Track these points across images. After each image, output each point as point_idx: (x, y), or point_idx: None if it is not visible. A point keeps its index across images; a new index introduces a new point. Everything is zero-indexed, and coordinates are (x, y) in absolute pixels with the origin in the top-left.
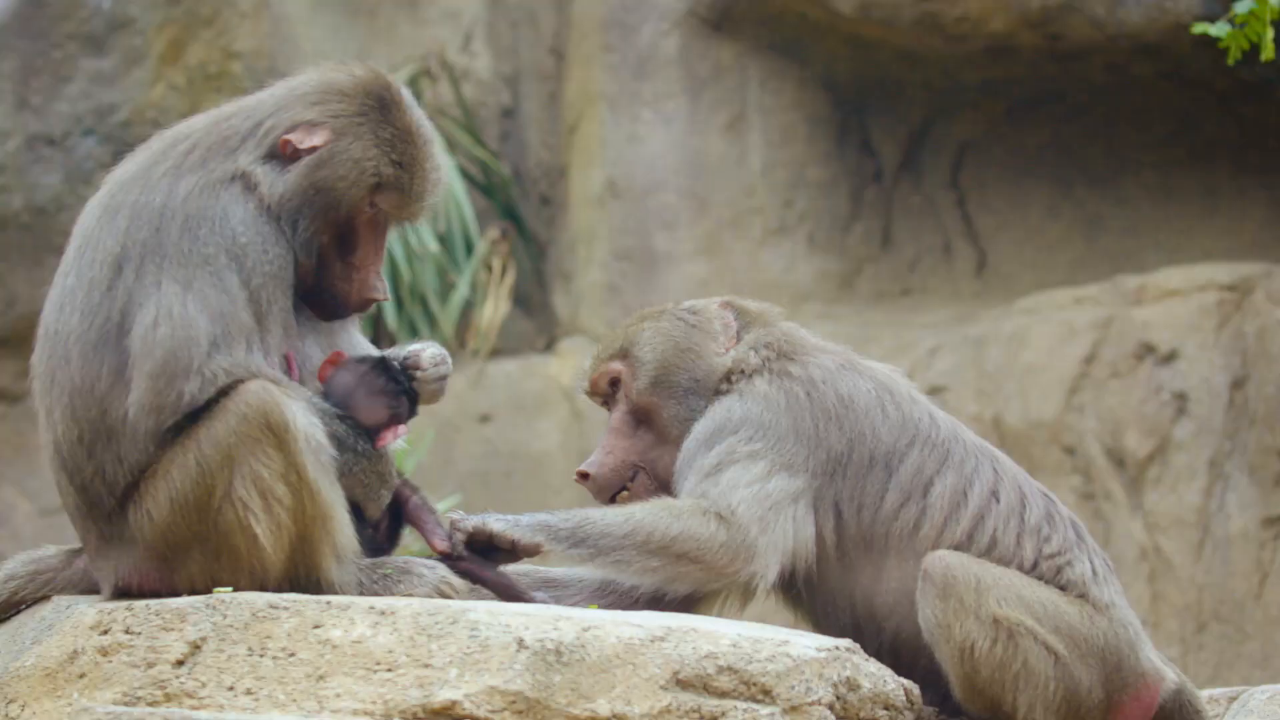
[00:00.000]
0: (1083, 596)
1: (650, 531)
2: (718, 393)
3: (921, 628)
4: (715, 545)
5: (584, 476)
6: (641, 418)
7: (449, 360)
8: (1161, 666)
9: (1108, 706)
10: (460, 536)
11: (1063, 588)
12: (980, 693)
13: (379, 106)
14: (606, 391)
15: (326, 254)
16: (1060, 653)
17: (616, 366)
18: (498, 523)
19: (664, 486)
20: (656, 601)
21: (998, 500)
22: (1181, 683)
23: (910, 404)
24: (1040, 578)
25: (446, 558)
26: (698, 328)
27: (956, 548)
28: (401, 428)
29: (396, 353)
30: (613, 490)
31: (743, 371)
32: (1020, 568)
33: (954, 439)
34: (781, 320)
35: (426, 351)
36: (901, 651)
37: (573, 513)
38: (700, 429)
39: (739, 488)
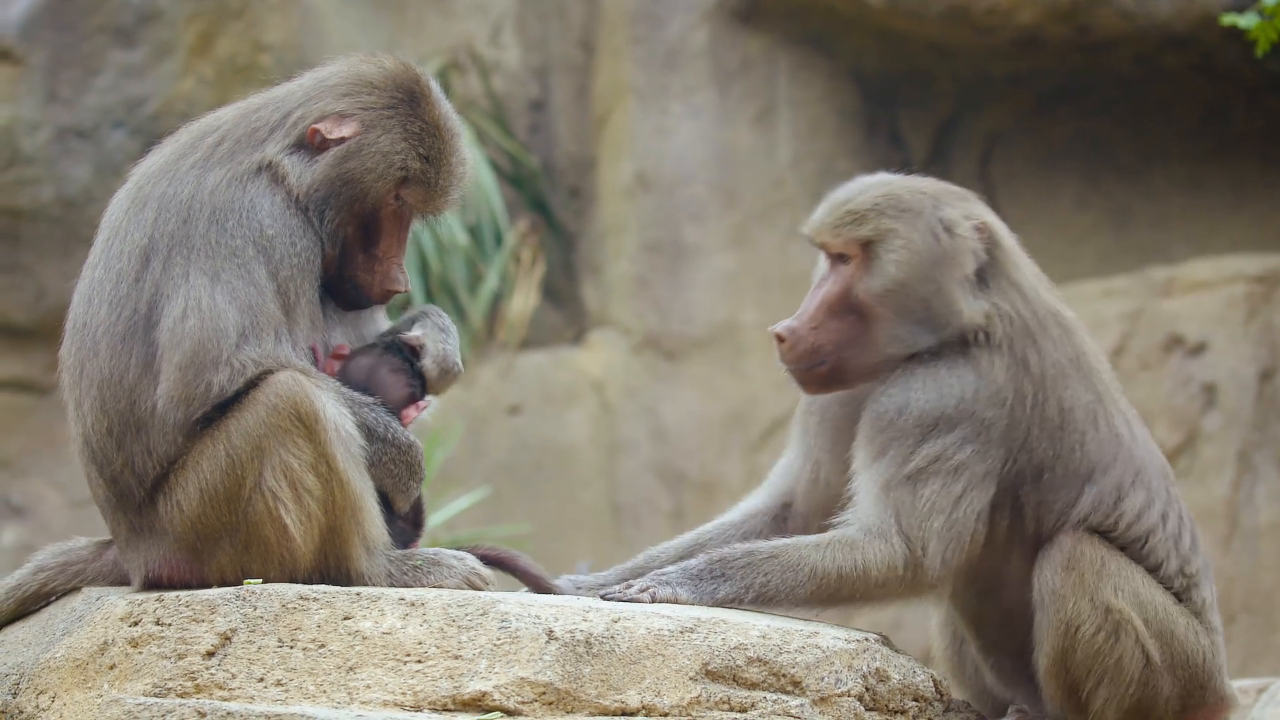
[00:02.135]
0: (1197, 615)
1: (839, 583)
2: (951, 343)
3: (1034, 588)
4: (903, 583)
5: (779, 339)
6: (857, 309)
7: (449, 353)
8: (1236, 695)
9: (1180, 717)
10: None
11: (1187, 600)
12: (1068, 671)
13: (408, 99)
14: (834, 256)
15: (350, 245)
16: (1154, 659)
17: (854, 250)
18: (688, 593)
19: (839, 378)
20: None
21: (1165, 523)
22: None
23: (1116, 412)
24: (1169, 588)
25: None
26: (947, 254)
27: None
28: (422, 403)
29: (402, 329)
30: (799, 367)
31: (986, 338)
32: (1161, 574)
33: (1147, 453)
34: (1028, 273)
35: (428, 353)
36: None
37: (748, 574)
38: (923, 400)
39: (934, 515)
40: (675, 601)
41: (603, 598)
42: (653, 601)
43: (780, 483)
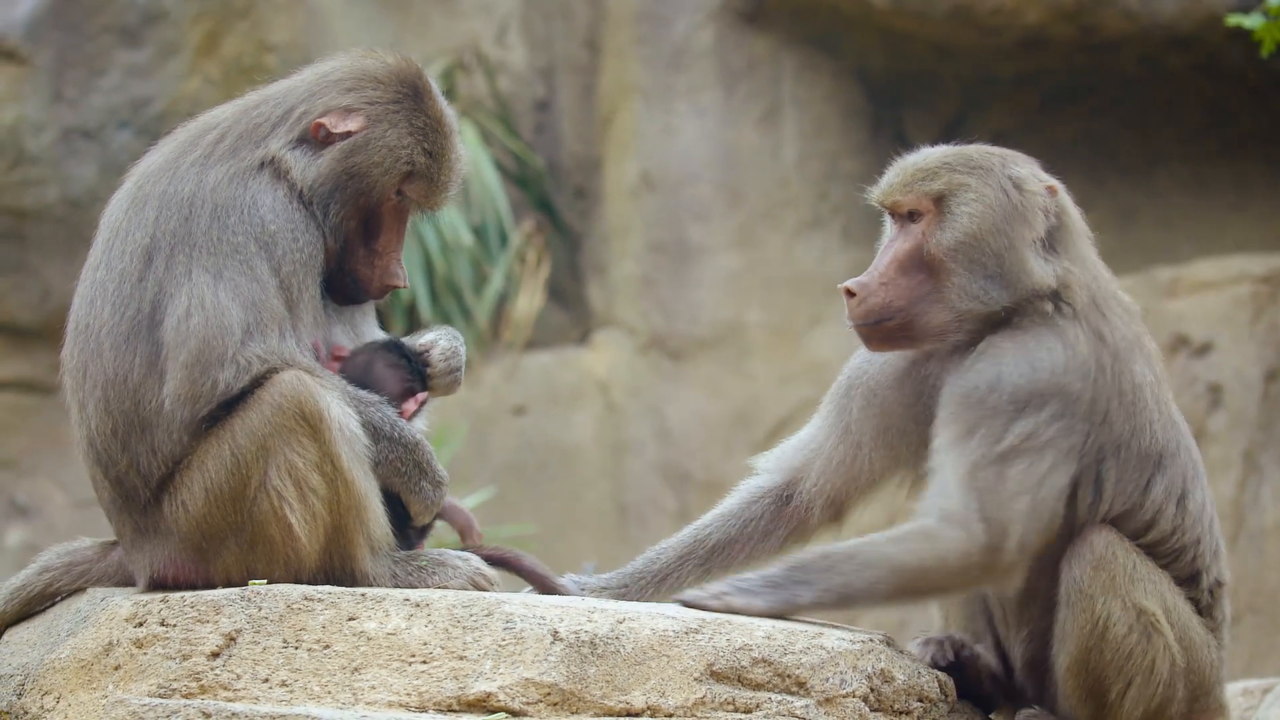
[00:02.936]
0: (1214, 630)
1: (919, 576)
2: (1027, 311)
3: (1061, 584)
4: (981, 569)
5: (850, 294)
6: (928, 265)
7: (460, 353)
8: (1228, 705)
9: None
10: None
11: (1209, 615)
12: (1091, 671)
13: (412, 94)
14: (903, 215)
15: (351, 239)
16: (1178, 664)
17: (927, 205)
18: (765, 602)
19: (906, 335)
20: None
21: (1212, 528)
22: None
23: (1171, 400)
24: (1197, 599)
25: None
26: (1018, 210)
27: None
28: (421, 395)
29: (412, 340)
30: (869, 322)
31: (1063, 308)
32: (1200, 585)
33: (1196, 449)
34: (1092, 249)
35: (437, 347)
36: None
37: (828, 577)
38: (1016, 375)
39: (1019, 496)
40: (750, 611)
41: (682, 603)
42: (726, 610)
43: (794, 460)
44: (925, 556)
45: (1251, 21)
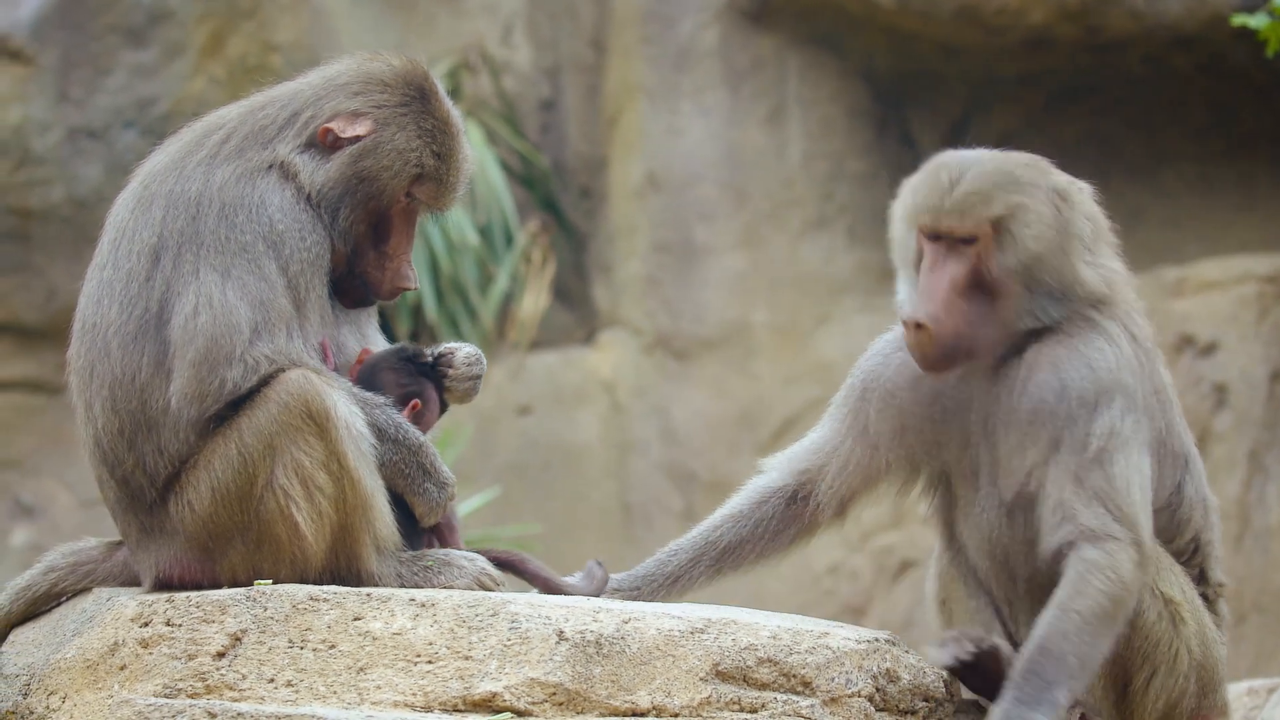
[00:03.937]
0: (1218, 627)
1: (1117, 606)
2: (1078, 314)
3: None
4: (1141, 567)
5: (919, 327)
6: (986, 288)
7: (483, 361)
8: (1231, 707)
9: (1192, 716)
10: None
11: (1213, 611)
12: (1117, 658)
13: (420, 97)
14: (954, 240)
15: (361, 242)
16: (1195, 657)
17: (986, 230)
18: (1044, 717)
19: (965, 357)
20: None
21: (1219, 533)
22: None
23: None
24: (1205, 594)
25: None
26: (1069, 224)
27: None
28: (417, 402)
29: (434, 348)
30: (944, 352)
31: (1104, 307)
32: (1208, 581)
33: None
34: (1113, 244)
35: (460, 351)
36: None
37: (1060, 667)
38: (1077, 378)
39: (1132, 487)
40: None
41: None
42: None
43: (806, 461)
44: (1108, 588)
45: (1257, 21)
